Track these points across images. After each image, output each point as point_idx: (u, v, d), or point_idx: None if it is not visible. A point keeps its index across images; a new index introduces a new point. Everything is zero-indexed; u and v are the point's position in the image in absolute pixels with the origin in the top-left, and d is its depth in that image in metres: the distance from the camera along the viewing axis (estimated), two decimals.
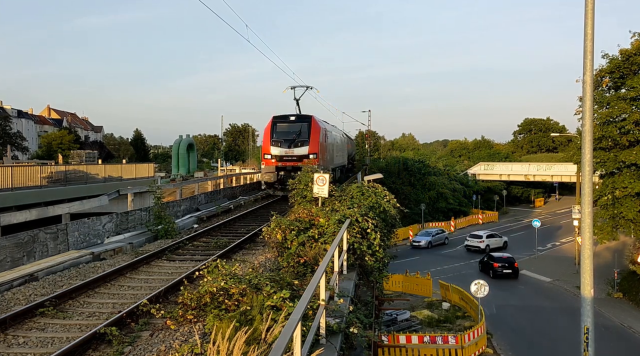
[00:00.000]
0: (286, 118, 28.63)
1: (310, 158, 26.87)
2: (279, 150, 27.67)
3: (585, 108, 10.41)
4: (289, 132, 27.99)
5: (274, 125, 28.39)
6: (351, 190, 17.05)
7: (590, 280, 10.42)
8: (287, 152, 27.48)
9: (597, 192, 33.91)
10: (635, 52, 31.86)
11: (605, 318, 29.95)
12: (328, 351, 6.10)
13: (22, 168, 28.38)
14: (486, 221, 69.72)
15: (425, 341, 23.44)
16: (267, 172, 27.76)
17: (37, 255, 14.24)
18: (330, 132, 33.45)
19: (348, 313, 7.53)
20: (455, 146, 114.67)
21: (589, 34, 10.18)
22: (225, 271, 8.48)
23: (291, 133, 27.91)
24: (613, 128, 32.23)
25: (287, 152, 27.50)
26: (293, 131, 27.94)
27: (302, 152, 27.44)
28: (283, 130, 28.12)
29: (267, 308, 6.86)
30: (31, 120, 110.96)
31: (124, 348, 7.38)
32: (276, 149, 27.74)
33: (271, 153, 27.75)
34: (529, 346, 26.20)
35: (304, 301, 5.10)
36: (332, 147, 33.84)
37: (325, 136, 30.19)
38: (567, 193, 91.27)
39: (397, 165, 69.77)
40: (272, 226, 12.24)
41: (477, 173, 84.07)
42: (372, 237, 12.01)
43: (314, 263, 10.16)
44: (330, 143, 32.87)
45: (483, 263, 42.57)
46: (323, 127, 29.81)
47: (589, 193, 10.41)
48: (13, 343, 7.91)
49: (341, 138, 41.77)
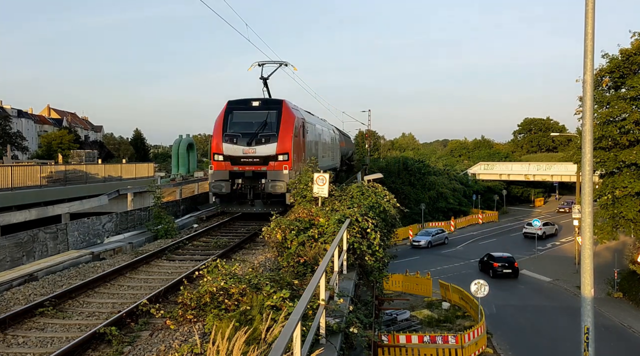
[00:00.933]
0: (246, 103, 20.67)
1: (279, 160, 19.53)
2: (235, 149, 19.73)
3: (585, 108, 10.40)
4: (249, 123, 20.23)
5: (228, 114, 20.49)
6: (351, 190, 17.03)
7: (590, 280, 10.41)
8: (247, 151, 19.62)
9: (597, 192, 33.91)
10: (635, 51, 31.84)
11: (605, 317, 29.94)
12: (328, 351, 6.09)
13: (21, 168, 28.37)
14: (486, 221, 69.72)
15: (425, 341, 23.43)
16: (218, 179, 19.69)
17: (36, 255, 14.23)
18: (314, 125, 25.89)
19: (348, 313, 7.52)
20: (455, 146, 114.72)
21: (589, 33, 10.17)
22: (225, 271, 8.48)
23: (253, 124, 20.10)
24: (613, 127, 32.22)
25: (246, 151, 19.63)
26: (256, 122, 20.14)
27: (267, 150, 19.59)
28: (241, 120, 20.34)
29: (267, 308, 6.85)
30: (31, 119, 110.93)
31: (124, 348, 7.37)
32: (231, 147, 19.79)
33: (223, 153, 19.76)
34: (529, 346, 26.19)
35: (304, 301, 5.09)
36: (316, 145, 26.47)
37: (304, 129, 22.36)
38: (567, 193, 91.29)
39: (397, 164, 69.77)
40: (272, 226, 12.23)
41: (477, 173, 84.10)
42: (372, 237, 12.01)
43: (314, 263, 10.15)
44: (313, 141, 25.29)
45: (483, 262, 42.58)
46: (299, 117, 21.76)
47: (589, 193, 10.40)
48: (12, 343, 7.90)
49: (331, 135, 33.62)
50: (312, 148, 24.81)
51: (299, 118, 21.54)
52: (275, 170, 19.36)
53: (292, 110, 20.94)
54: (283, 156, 19.67)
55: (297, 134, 20.91)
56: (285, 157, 19.65)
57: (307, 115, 25.10)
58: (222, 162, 19.90)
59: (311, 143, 24.47)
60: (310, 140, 24.06)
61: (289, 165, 19.56)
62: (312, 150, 24.57)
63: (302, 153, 21.94)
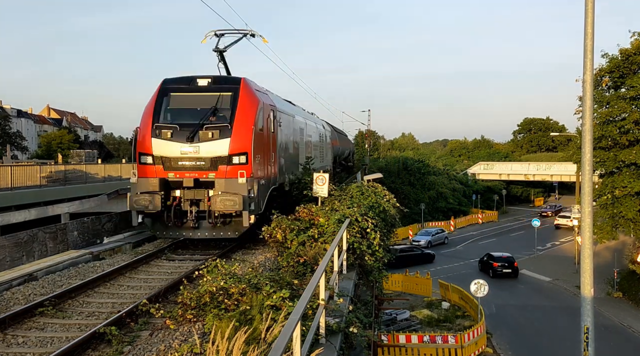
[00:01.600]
0: (189, 82, 14.70)
1: (233, 164, 13.66)
2: (169, 147, 13.79)
3: (585, 108, 10.40)
4: (192, 110, 14.32)
5: (162, 97, 14.53)
6: (351, 190, 17.05)
7: (590, 280, 10.42)
8: (187, 151, 13.72)
9: (597, 192, 33.94)
10: (635, 51, 31.87)
11: (605, 317, 29.95)
12: (328, 350, 6.09)
13: (21, 167, 28.38)
14: (486, 220, 69.76)
15: (424, 340, 23.43)
16: (143, 191, 13.73)
17: (36, 255, 14.24)
18: (291, 117, 19.53)
19: (348, 312, 7.53)
20: (455, 146, 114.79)
21: (589, 33, 10.17)
22: (224, 271, 8.49)
23: (197, 112, 14.18)
24: (613, 127, 32.26)
25: (185, 150, 13.73)
26: (202, 109, 14.27)
27: (216, 149, 13.72)
28: (181, 105, 14.50)
29: (266, 308, 6.86)
30: (31, 119, 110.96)
31: (124, 348, 7.37)
32: (163, 145, 13.82)
33: (152, 153, 13.87)
34: (528, 346, 26.22)
35: (304, 301, 5.09)
36: (296, 143, 20.19)
37: (275, 121, 16.26)
38: (566, 193, 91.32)
39: (397, 164, 69.85)
40: (272, 225, 12.25)
41: (477, 172, 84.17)
42: (372, 237, 12.02)
43: (314, 262, 10.16)
44: (290, 137, 19.05)
45: (483, 262, 42.62)
46: (268, 103, 15.73)
47: (589, 192, 10.41)
48: (12, 343, 7.90)
49: (320, 131, 26.96)
50: (289, 147, 18.74)
51: (267, 105, 15.35)
52: (227, 179, 13.46)
53: (256, 94, 14.88)
54: (240, 157, 13.70)
55: (263, 127, 14.85)
56: (243, 159, 13.69)
57: (281, 103, 18.59)
58: (151, 166, 13.87)
59: (287, 140, 18.35)
60: (285, 136, 17.91)
61: (247, 171, 13.60)
62: (288, 149, 18.40)
63: (272, 154, 15.74)
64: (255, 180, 13.97)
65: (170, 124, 14.05)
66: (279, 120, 16.81)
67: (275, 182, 16.14)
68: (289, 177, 18.26)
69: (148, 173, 14.01)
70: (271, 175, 15.61)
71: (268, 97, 16.44)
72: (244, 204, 13.22)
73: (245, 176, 13.46)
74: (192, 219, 13.88)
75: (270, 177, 15.49)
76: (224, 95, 14.30)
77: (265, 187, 14.86)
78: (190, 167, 13.84)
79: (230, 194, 13.23)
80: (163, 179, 13.89)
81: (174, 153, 13.84)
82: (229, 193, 13.27)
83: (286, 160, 17.91)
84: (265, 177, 14.96)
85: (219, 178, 13.60)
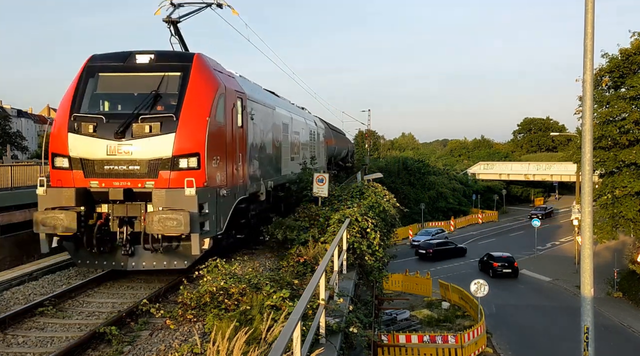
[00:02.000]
0: (124, 59, 11.10)
1: (180, 168, 10.21)
2: (92, 146, 10.31)
3: (585, 108, 10.41)
4: (126, 96, 10.99)
5: (87, 78, 11.02)
6: (351, 190, 17.05)
7: (590, 280, 10.42)
8: (115, 150, 10.23)
9: (597, 191, 33.95)
10: (635, 51, 31.89)
11: (605, 317, 29.96)
12: (328, 350, 6.10)
13: (21, 167, 28.35)
14: (486, 220, 69.80)
15: (424, 340, 23.44)
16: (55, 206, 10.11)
17: (36, 255, 14.24)
18: (271, 109, 15.66)
19: (348, 312, 7.54)
20: (454, 145, 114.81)
21: (589, 32, 10.18)
22: (225, 271, 8.50)
23: (133, 99, 10.77)
24: (613, 127, 32.28)
25: (114, 148, 10.23)
26: (139, 94, 10.78)
27: (155, 149, 10.21)
28: (111, 89, 11.19)
29: (266, 308, 6.86)
30: (31, 119, 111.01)
31: (124, 348, 7.37)
32: (83, 142, 10.35)
33: (69, 154, 10.43)
34: (528, 346, 26.23)
35: (304, 301, 5.09)
36: (278, 143, 16.30)
37: (243, 112, 12.60)
38: (566, 193, 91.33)
39: (397, 164, 69.86)
40: (272, 226, 12.26)
41: (477, 172, 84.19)
42: (372, 237, 12.04)
43: (314, 262, 10.17)
44: (269, 135, 15.18)
45: (483, 262, 42.64)
46: (232, 89, 12.00)
47: (589, 192, 10.41)
48: (12, 343, 7.90)
49: (310, 128, 22.94)
50: (266, 146, 14.84)
51: (231, 91, 11.63)
52: (170, 189, 9.92)
53: (216, 75, 11.22)
54: (189, 160, 10.15)
55: (226, 119, 11.28)
56: (194, 162, 10.17)
57: (256, 91, 14.70)
58: (67, 172, 10.37)
59: (264, 138, 14.49)
60: (261, 132, 14.15)
61: (199, 178, 10.08)
62: (264, 149, 14.60)
63: (239, 155, 12.05)
64: (210, 191, 10.36)
65: (94, 115, 10.31)
66: (250, 111, 12.97)
67: (244, 190, 12.39)
68: (269, 183, 14.63)
69: (63, 181, 10.37)
70: (238, 183, 11.93)
71: (235, 81, 12.49)
72: (193, 224, 9.54)
73: (195, 185, 9.72)
74: (124, 244, 10.24)
75: (236, 185, 11.77)
76: (170, 76, 10.61)
77: (228, 198, 11.21)
78: (120, 172, 10.12)
79: (172, 211, 9.51)
80: (82, 189, 10.17)
81: (98, 154, 10.14)
82: (170, 210, 9.55)
83: (262, 163, 14.16)
84: (229, 185, 11.30)
85: (159, 189, 9.87)
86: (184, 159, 10.12)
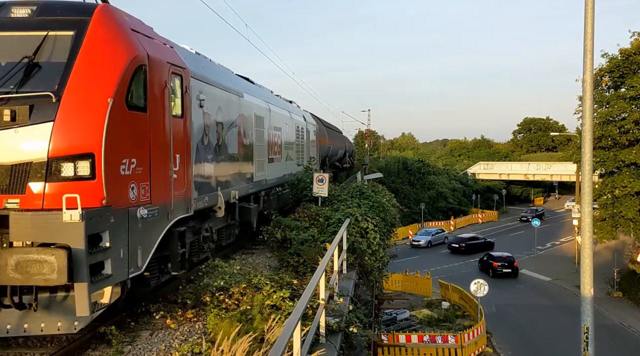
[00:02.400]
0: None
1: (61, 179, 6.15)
2: None
3: (585, 108, 10.42)
4: None
5: None
6: (351, 190, 17.06)
7: (590, 279, 10.43)
8: None
9: (597, 191, 33.97)
10: (635, 51, 31.90)
11: (605, 317, 29.97)
12: (328, 350, 6.10)
13: None
14: (486, 220, 69.81)
15: (424, 340, 23.45)
16: None
17: None
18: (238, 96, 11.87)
19: (348, 312, 7.55)
20: (454, 145, 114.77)
21: (588, 32, 10.19)
22: (225, 271, 8.50)
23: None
24: (613, 127, 32.29)
25: None
26: (7, 62, 6.61)
27: (22, 147, 6.17)
28: None
29: (267, 308, 6.87)
30: None
31: (124, 348, 7.37)
32: None
33: None
34: (528, 346, 26.24)
35: (304, 301, 5.10)
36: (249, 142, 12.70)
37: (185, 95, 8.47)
38: (566, 193, 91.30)
39: (397, 164, 69.85)
40: (272, 225, 12.27)
41: (477, 172, 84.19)
42: (372, 237, 12.06)
43: (314, 262, 10.18)
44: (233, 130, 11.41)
45: (483, 262, 42.66)
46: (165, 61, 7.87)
47: (589, 192, 10.42)
48: (12, 343, 7.90)
49: (298, 125, 19.65)
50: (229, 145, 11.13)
51: (161, 64, 7.81)
52: (38, 212, 6.11)
53: (133, 37, 7.27)
54: (77, 164, 6.31)
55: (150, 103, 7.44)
56: (85, 168, 6.32)
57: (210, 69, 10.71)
58: None
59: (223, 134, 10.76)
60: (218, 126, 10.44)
61: (94, 193, 6.30)
62: (225, 149, 10.86)
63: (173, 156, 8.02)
64: (115, 213, 6.52)
65: None
66: (198, 96, 9.27)
67: (186, 207, 8.62)
68: (232, 192, 11.11)
69: None
70: (174, 196, 8.08)
71: (171, 52, 8.49)
72: (77, 269, 5.96)
73: (84, 204, 6.01)
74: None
75: (168, 201, 7.91)
76: (57, 37, 6.82)
77: (152, 221, 7.45)
78: None
79: (39, 249, 5.96)
80: None
81: None
82: (37, 248, 6.02)
83: (220, 167, 10.48)
84: (156, 202, 7.55)
85: (22, 212, 6.12)
86: (69, 163, 6.30)
